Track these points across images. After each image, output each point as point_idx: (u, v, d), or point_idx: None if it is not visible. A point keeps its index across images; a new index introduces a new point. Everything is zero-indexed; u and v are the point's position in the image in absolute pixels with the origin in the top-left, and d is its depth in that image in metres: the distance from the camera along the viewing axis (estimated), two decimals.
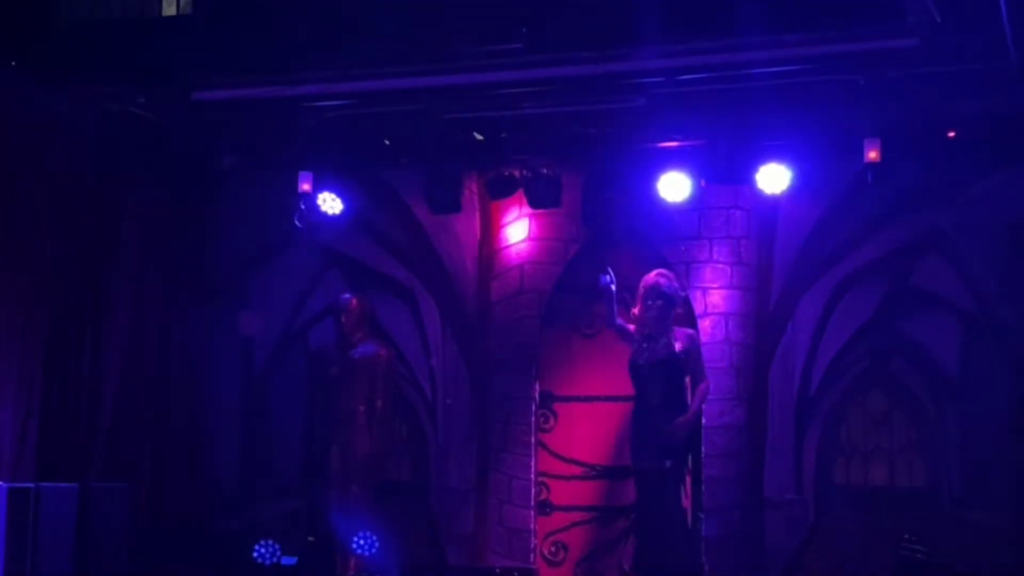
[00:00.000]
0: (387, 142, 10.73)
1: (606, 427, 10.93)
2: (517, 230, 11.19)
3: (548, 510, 11.02)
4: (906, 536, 9.57)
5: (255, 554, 10.32)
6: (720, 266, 10.74)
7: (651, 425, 9.52)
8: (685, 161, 10.34)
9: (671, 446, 9.48)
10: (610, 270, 9.72)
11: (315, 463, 11.21)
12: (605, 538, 10.88)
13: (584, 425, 11.05)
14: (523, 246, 11.15)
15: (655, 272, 9.87)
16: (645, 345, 9.69)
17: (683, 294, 10.17)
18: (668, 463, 9.44)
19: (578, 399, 11.09)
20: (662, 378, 9.63)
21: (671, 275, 9.91)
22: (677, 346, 9.68)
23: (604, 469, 10.94)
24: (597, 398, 11.00)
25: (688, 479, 10.16)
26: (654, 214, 10.72)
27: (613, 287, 9.70)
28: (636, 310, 9.78)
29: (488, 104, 9.97)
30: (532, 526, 10.90)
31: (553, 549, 10.97)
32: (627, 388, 10.07)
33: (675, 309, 9.85)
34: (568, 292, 11.09)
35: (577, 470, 11.02)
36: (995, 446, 10.06)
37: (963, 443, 10.22)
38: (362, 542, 10.25)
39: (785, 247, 10.69)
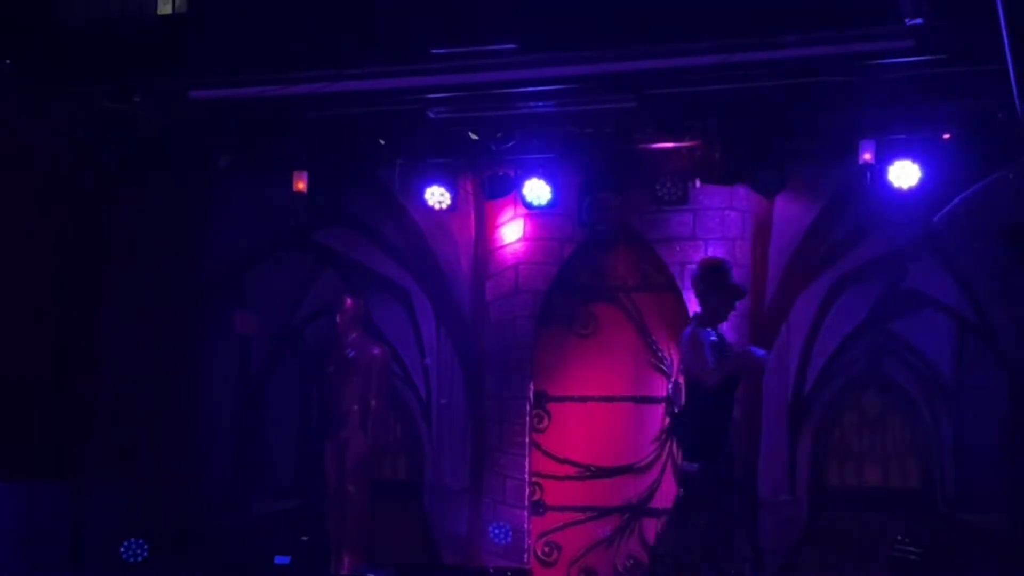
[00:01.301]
0: (382, 142, 10.72)
1: (600, 427, 10.95)
2: (512, 230, 11.19)
3: (542, 510, 11.03)
4: (899, 537, 9.59)
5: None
6: None
7: (715, 427, 9.04)
8: (681, 161, 10.35)
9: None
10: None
11: (310, 462, 11.22)
12: (599, 538, 10.90)
13: (578, 425, 11.05)
14: (518, 246, 11.16)
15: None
16: (727, 346, 8.65)
17: None
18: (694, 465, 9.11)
19: (572, 399, 11.09)
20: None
21: None
22: None
23: (598, 469, 10.96)
24: (591, 398, 11.01)
25: None
26: (649, 214, 10.73)
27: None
28: (708, 308, 9.08)
29: (483, 104, 9.98)
30: (526, 526, 10.91)
31: (547, 549, 10.97)
32: (621, 388, 10.16)
33: None
34: (563, 292, 11.10)
35: (571, 470, 11.04)
36: (988, 447, 10.08)
37: (956, 444, 10.23)
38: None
39: (780, 248, 10.69)
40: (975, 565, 9.64)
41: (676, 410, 8.77)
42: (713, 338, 8.02)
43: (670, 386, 10.87)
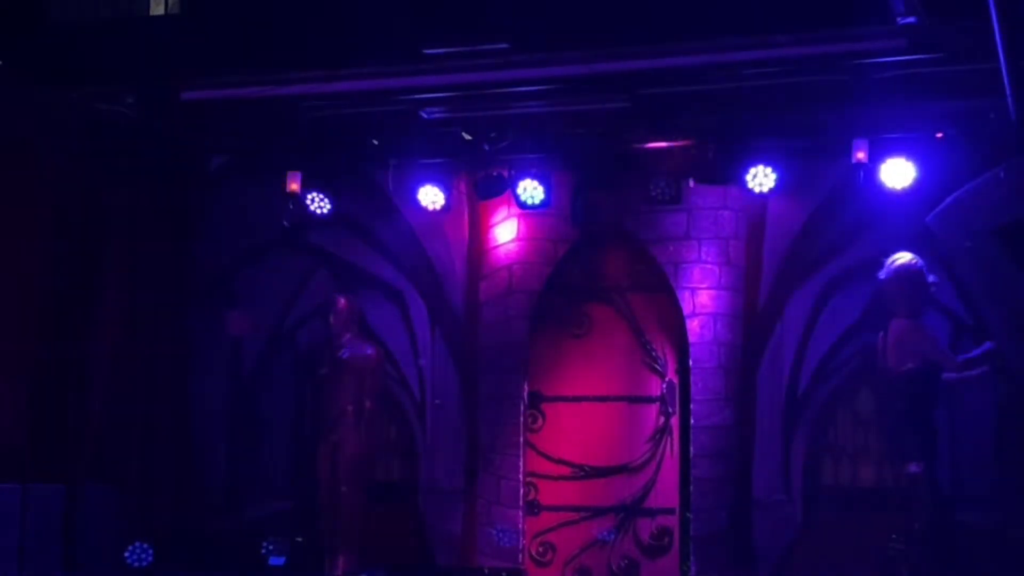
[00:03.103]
0: (375, 142, 10.72)
1: (594, 427, 10.97)
2: (506, 230, 11.19)
3: (536, 510, 11.02)
4: (894, 536, 9.58)
5: (263, 551, 10.36)
6: (709, 266, 10.75)
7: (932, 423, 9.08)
8: (675, 161, 10.36)
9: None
10: None
11: (304, 464, 11.21)
12: (593, 538, 10.90)
13: (572, 425, 11.06)
14: (512, 246, 11.15)
15: None
16: None
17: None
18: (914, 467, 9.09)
19: (566, 399, 11.09)
20: None
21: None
22: None
23: (592, 469, 10.96)
24: (585, 398, 11.02)
25: None
26: (642, 214, 10.73)
27: None
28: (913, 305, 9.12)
29: (476, 104, 9.97)
30: (521, 526, 10.90)
31: (541, 549, 10.96)
32: (615, 388, 10.20)
33: None
34: (557, 292, 11.10)
35: (565, 470, 11.03)
36: (982, 446, 10.07)
37: (950, 443, 10.22)
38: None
39: (773, 248, 10.71)
40: (969, 563, 9.62)
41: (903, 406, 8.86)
42: None
43: (664, 386, 10.88)
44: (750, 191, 10.22)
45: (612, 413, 10.91)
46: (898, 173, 9.71)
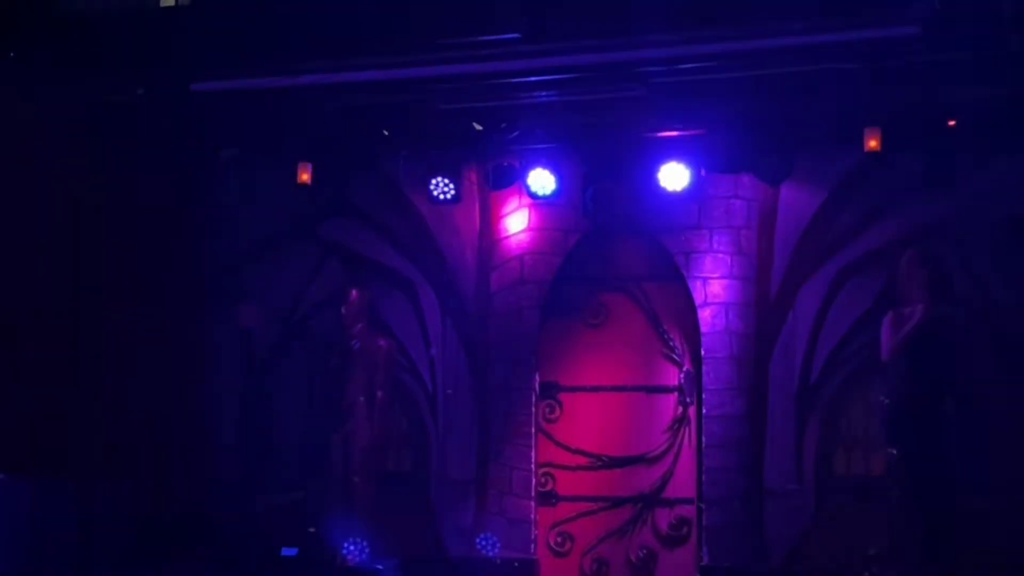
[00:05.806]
0: (386, 132, 10.71)
1: (612, 417, 10.95)
2: (517, 220, 11.18)
3: (554, 500, 11.02)
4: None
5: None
6: (720, 256, 10.74)
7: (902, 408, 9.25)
8: (685, 150, 10.35)
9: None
10: None
11: (316, 455, 11.20)
12: (612, 528, 10.89)
13: (590, 415, 11.05)
14: (523, 236, 11.14)
15: None
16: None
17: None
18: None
19: (584, 389, 11.08)
20: None
21: None
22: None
23: (610, 459, 10.95)
24: (603, 388, 11.00)
25: None
26: (654, 203, 10.72)
27: None
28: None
29: (487, 94, 9.96)
30: (533, 517, 10.90)
31: (559, 540, 10.96)
32: (632, 378, 10.18)
33: None
34: (569, 282, 11.09)
35: (583, 460, 11.03)
36: (994, 434, 10.07)
37: (962, 432, 10.20)
38: (352, 548, 10.24)
39: (785, 237, 10.69)
40: (979, 551, 9.62)
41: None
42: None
43: (682, 375, 10.87)
44: (761, 180, 10.23)
45: (630, 403, 10.89)
46: (910, 161, 9.70)
